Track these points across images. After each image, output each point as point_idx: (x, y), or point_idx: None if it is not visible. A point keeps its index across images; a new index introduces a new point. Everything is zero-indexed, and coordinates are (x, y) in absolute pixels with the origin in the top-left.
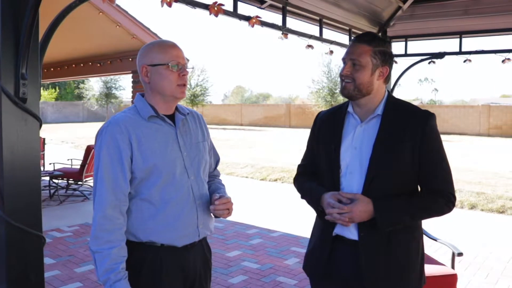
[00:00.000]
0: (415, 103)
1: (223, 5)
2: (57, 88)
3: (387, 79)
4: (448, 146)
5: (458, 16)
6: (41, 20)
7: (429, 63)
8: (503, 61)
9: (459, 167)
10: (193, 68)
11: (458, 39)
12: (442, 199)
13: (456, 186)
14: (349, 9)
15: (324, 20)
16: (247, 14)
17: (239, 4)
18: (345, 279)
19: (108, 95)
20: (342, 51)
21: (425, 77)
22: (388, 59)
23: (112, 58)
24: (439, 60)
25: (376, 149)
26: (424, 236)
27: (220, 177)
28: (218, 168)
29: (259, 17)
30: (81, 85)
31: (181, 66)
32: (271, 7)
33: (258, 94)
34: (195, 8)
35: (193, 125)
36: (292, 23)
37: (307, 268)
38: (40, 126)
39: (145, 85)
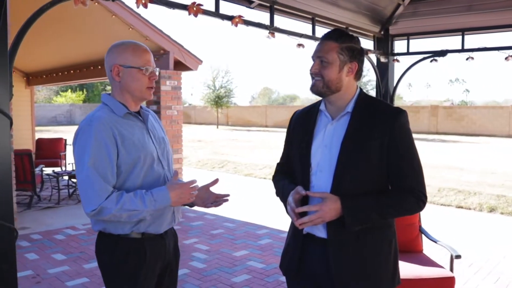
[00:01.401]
0: (446, 104)
1: (201, 5)
2: (84, 90)
3: (357, 75)
4: (473, 148)
5: (461, 12)
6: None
7: (431, 61)
8: (506, 58)
9: (482, 170)
10: (158, 70)
11: (461, 36)
12: (412, 197)
13: (477, 188)
14: (347, 7)
15: (316, 18)
16: (230, 14)
17: (226, 4)
18: (316, 277)
19: None
20: None
21: (456, 77)
22: (356, 55)
23: None
24: (471, 59)
25: (344, 147)
26: (425, 238)
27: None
28: (236, 169)
29: (242, 17)
30: (108, 87)
31: (151, 70)
32: (260, 6)
33: (285, 95)
34: (173, 9)
35: (155, 122)
36: (283, 21)
37: (282, 266)
38: (11, 124)
39: (115, 83)
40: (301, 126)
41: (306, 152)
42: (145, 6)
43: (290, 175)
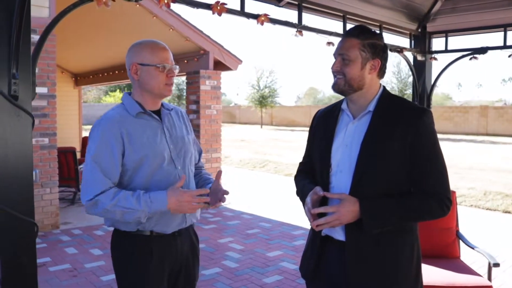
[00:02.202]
0: (498, 104)
1: (225, 4)
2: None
3: (380, 72)
4: None
5: (503, 7)
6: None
7: (471, 59)
8: None
9: None
10: (178, 68)
11: (503, 33)
12: (435, 201)
13: None
14: (381, 4)
15: (348, 16)
16: (255, 13)
17: (252, 2)
18: (334, 280)
19: (179, 96)
20: None
21: (510, 76)
22: (379, 51)
23: None
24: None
25: (364, 147)
26: (463, 244)
27: (204, 168)
28: (277, 168)
29: (268, 15)
30: None
31: (169, 67)
32: (288, 4)
33: (331, 95)
34: (197, 8)
35: (177, 120)
36: (312, 19)
37: (301, 268)
38: (33, 121)
39: (134, 82)
40: (323, 125)
41: (326, 151)
42: (168, 5)
43: (311, 175)
